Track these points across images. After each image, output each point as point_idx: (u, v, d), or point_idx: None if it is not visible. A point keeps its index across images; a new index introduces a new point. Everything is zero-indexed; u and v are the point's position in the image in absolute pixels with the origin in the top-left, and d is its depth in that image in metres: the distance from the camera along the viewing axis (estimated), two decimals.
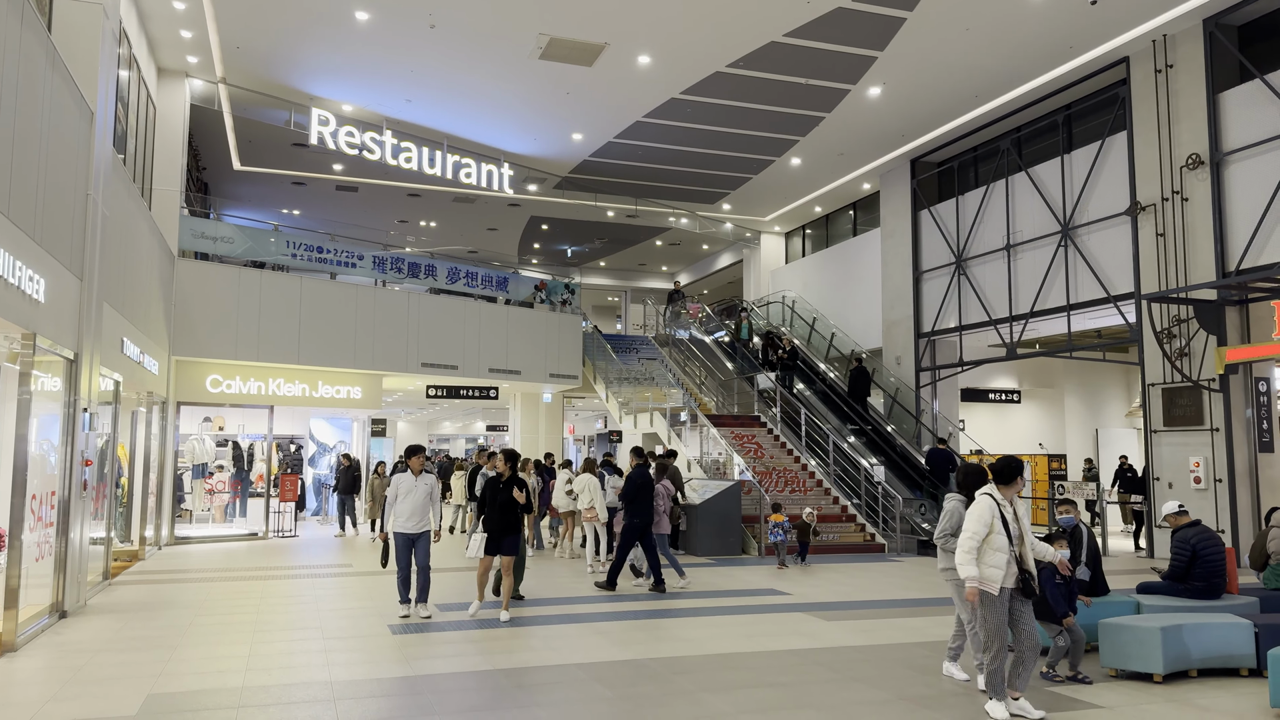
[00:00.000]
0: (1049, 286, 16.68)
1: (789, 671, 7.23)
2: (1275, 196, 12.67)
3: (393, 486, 9.45)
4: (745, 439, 18.93)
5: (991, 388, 22.35)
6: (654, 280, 34.78)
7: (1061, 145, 16.79)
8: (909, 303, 20.29)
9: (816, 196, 23.74)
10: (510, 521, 9.42)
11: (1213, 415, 13.53)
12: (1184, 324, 13.92)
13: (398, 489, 9.42)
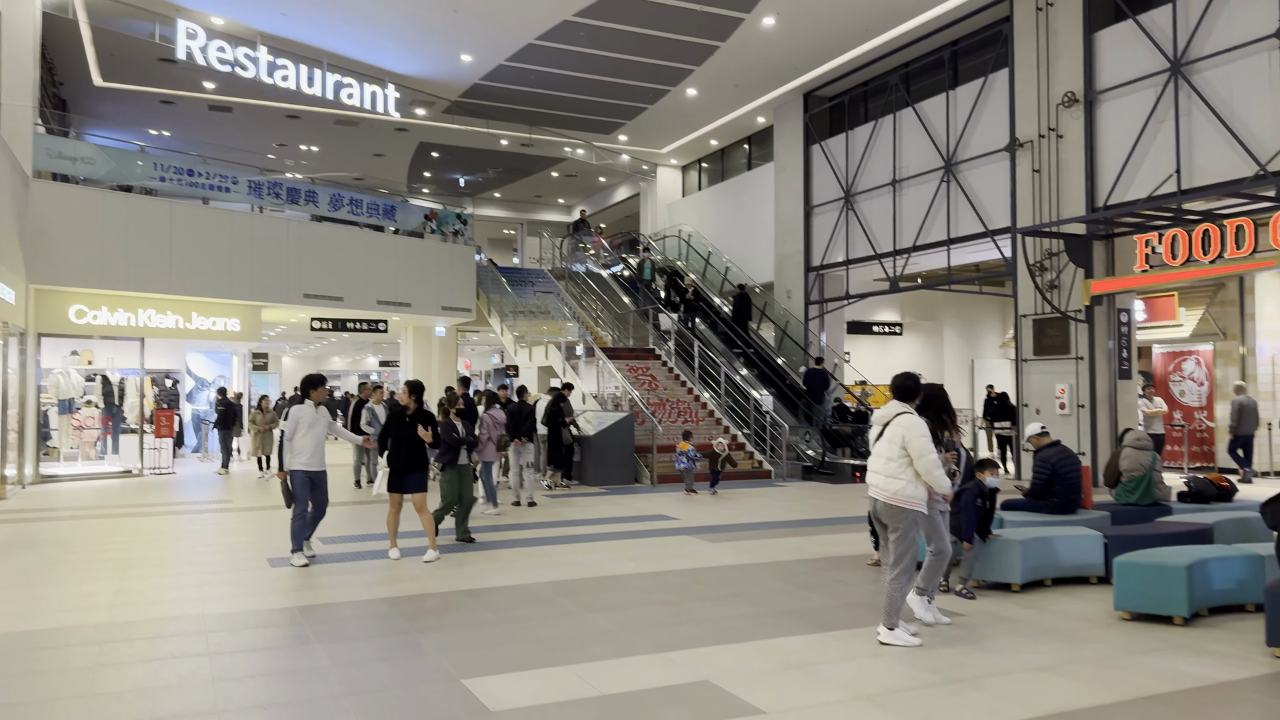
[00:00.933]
0: (931, 221, 17.15)
1: (671, 591, 7.39)
2: (1141, 135, 13.25)
3: (290, 420, 8.52)
4: (640, 372, 19.04)
5: (876, 320, 23.01)
6: (551, 213, 34.30)
7: (947, 82, 17.13)
8: (800, 237, 20.59)
9: (712, 129, 23.67)
10: (417, 458, 8.75)
11: (1078, 344, 14.27)
12: (1055, 257, 14.54)
13: (297, 423, 8.50)
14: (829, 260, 19.84)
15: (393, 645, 5.83)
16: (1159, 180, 12.97)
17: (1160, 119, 13.06)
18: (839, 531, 10.39)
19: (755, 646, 5.75)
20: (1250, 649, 5.63)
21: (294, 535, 8.55)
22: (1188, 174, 12.70)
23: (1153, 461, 9.11)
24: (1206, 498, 9.26)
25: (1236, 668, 5.27)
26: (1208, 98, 12.40)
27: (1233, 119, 12.11)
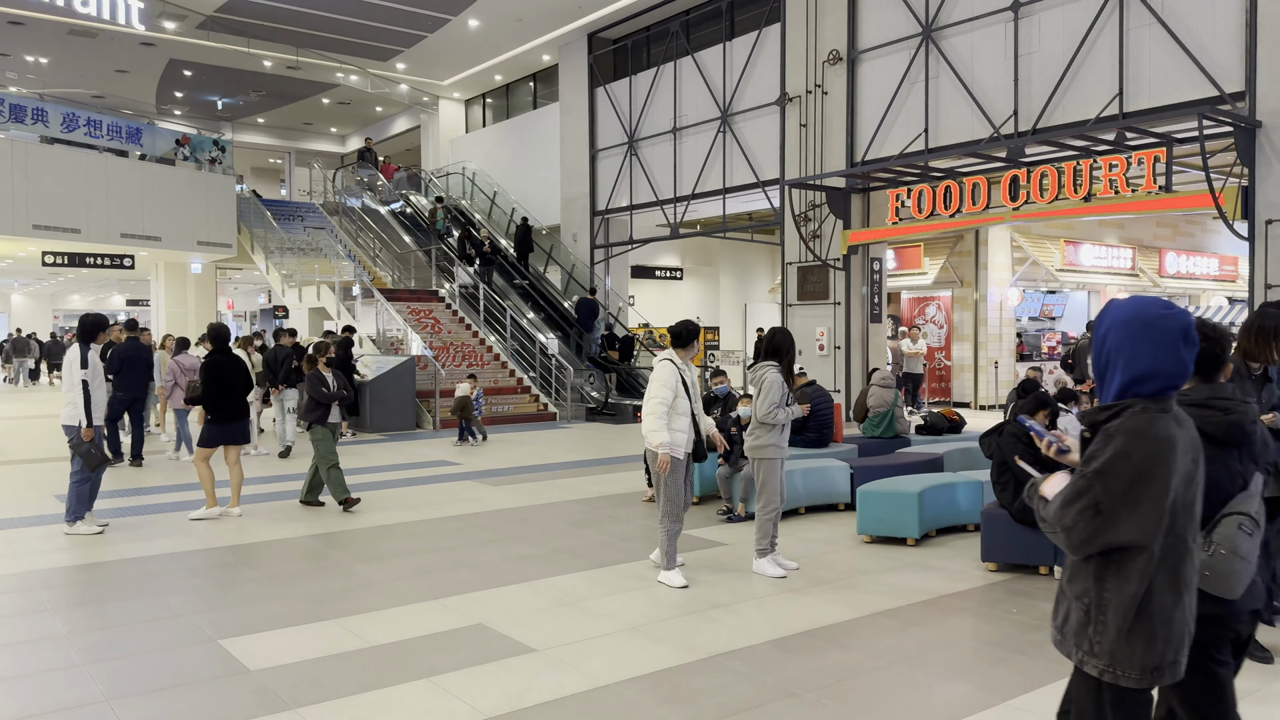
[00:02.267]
0: (709, 170, 17.69)
1: (450, 537, 7.35)
2: (896, 95, 14.24)
3: (92, 368, 7.36)
4: (423, 314, 18.53)
5: (658, 265, 23.61)
6: (323, 142, 32.30)
7: (724, 33, 17.57)
8: (585, 180, 20.63)
9: (497, 64, 23.06)
10: (244, 407, 8.23)
11: (836, 290, 15.32)
12: (818, 209, 15.45)
13: (97, 373, 7.44)
14: (614, 205, 20.04)
15: (140, 608, 5.43)
16: (910, 138, 14.03)
17: (913, 81, 14.08)
18: (617, 471, 10.70)
19: (531, 587, 5.84)
20: (969, 564, 6.37)
21: (82, 499, 7.45)
22: (935, 134, 13.81)
23: (895, 398, 10.01)
24: (940, 430, 10.32)
25: (957, 581, 5.96)
26: (953, 63, 13.49)
27: (974, 83, 13.26)
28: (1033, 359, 18.40)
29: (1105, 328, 2.37)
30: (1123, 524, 2.22)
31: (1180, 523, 2.27)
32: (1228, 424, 2.66)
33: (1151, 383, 2.28)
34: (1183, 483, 2.26)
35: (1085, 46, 11.99)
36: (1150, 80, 11.46)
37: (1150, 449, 2.22)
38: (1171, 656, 2.27)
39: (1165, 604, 2.26)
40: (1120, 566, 2.27)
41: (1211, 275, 21.99)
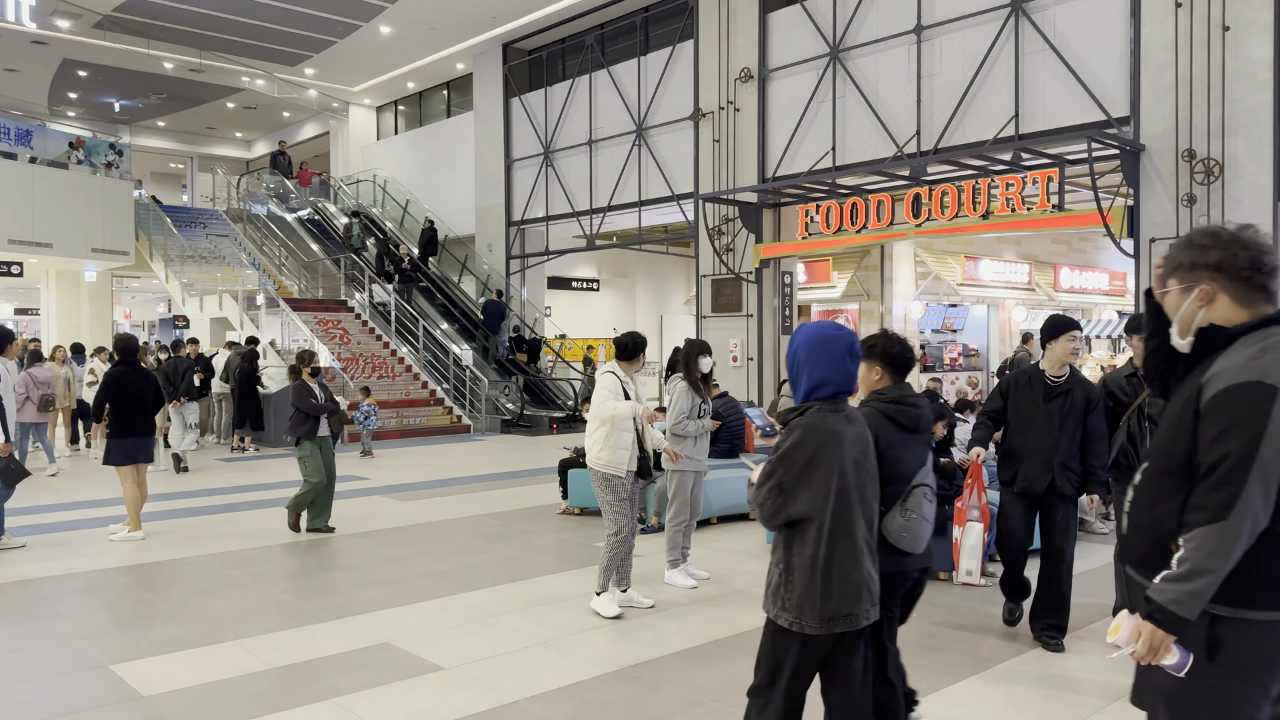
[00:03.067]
0: (625, 183, 17.79)
1: (356, 554, 7.19)
2: (805, 113, 14.59)
3: (4, 384, 7.10)
4: (331, 325, 18.12)
5: (575, 276, 23.60)
6: (226, 147, 31.31)
7: (639, 47, 17.73)
8: (501, 190, 20.51)
9: (409, 71, 22.76)
10: (149, 424, 7.80)
11: (749, 303, 15.57)
12: (731, 223, 15.69)
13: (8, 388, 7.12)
14: (530, 215, 19.96)
15: (24, 633, 5.16)
16: (819, 156, 14.38)
17: (821, 100, 14.45)
18: (532, 483, 10.64)
19: (440, 604, 5.76)
20: None
21: None
22: (842, 152, 14.19)
23: None
24: None
25: None
26: (860, 83, 13.89)
27: (879, 104, 13.68)
28: (935, 370, 19.00)
29: (795, 345, 2.93)
30: (799, 500, 2.78)
31: (852, 499, 2.82)
32: (914, 416, 3.36)
33: (826, 388, 2.86)
34: (852, 467, 2.83)
35: (983, 70, 12.49)
36: (1044, 104, 12.02)
37: (821, 439, 2.79)
38: (848, 609, 2.79)
39: (845, 566, 2.80)
40: (800, 535, 2.81)
41: (1103, 290, 23.09)
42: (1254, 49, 10.13)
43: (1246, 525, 2.01)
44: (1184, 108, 10.68)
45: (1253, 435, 2.01)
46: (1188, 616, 2.06)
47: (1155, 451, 2.30)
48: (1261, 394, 2.03)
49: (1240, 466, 2.01)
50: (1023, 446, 4.81)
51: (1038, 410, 4.75)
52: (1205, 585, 2.04)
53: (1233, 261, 2.17)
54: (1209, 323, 2.22)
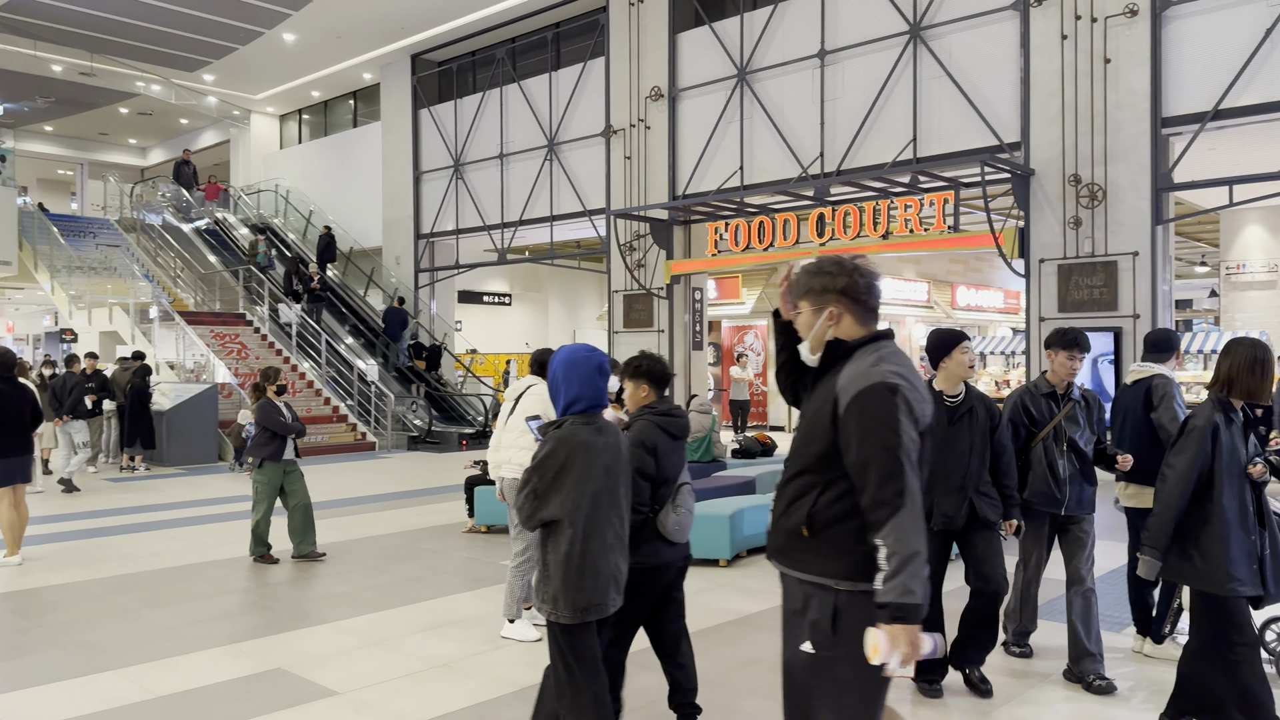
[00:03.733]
0: (536, 197, 17.75)
1: (250, 576, 6.95)
2: (714, 133, 14.82)
3: None
4: (229, 339, 17.51)
5: (486, 290, 23.39)
6: (120, 154, 30.05)
7: (551, 63, 17.75)
8: (409, 202, 20.20)
9: (314, 80, 22.26)
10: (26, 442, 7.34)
11: (660, 318, 15.69)
12: (643, 239, 15.81)
13: None
14: (439, 228, 19.72)
15: None
16: (727, 174, 14.62)
17: (729, 120, 14.70)
18: (437, 501, 10.46)
19: (336, 627, 5.60)
20: (776, 583, 6.61)
21: None
22: (750, 171, 14.46)
23: (713, 423, 10.32)
24: (753, 454, 10.72)
25: (764, 600, 6.19)
26: (766, 105, 14.19)
27: (785, 126, 13.99)
28: None
29: (554, 366, 3.21)
30: (551, 503, 3.08)
31: (603, 502, 3.13)
32: (681, 425, 3.77)
33: (580, 403, 3.17)
34: (602, 473, 3.14)
35: (884, 95, 12.92)
36: (940, 128, 12.49)
37: (572, 449, 3.08)
38: (598, 599, 3.10)
39: (595, 562, 3.10)
40: (555, 535, 3.10)
41: (998, 308, 24.05)
42: (1134, 81, 10.75)
43: (919, 503, 2.29)
44: (1070, 135, 11.24)
45: (893, 428, 2.31)
46: (920, 602, 2.25)
47: (793, 454, 2.56)
48: (889, 392, 2.34)
49: (893, 457, 2.29)
50: (933, 478, 4.26)
51: (944, 434, 4.28)
52: (918, 565, 2.25)
53: (855, 287, 2.50)
54: (834, 338, 2.51)
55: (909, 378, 2.40)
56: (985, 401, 4.40)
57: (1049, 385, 4.62)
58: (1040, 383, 4.66)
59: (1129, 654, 4.94)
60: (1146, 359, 4.90)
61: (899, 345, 2.53)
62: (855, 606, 2.34)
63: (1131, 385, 4.87)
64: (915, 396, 2.38)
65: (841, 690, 2.37)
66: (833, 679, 2.38)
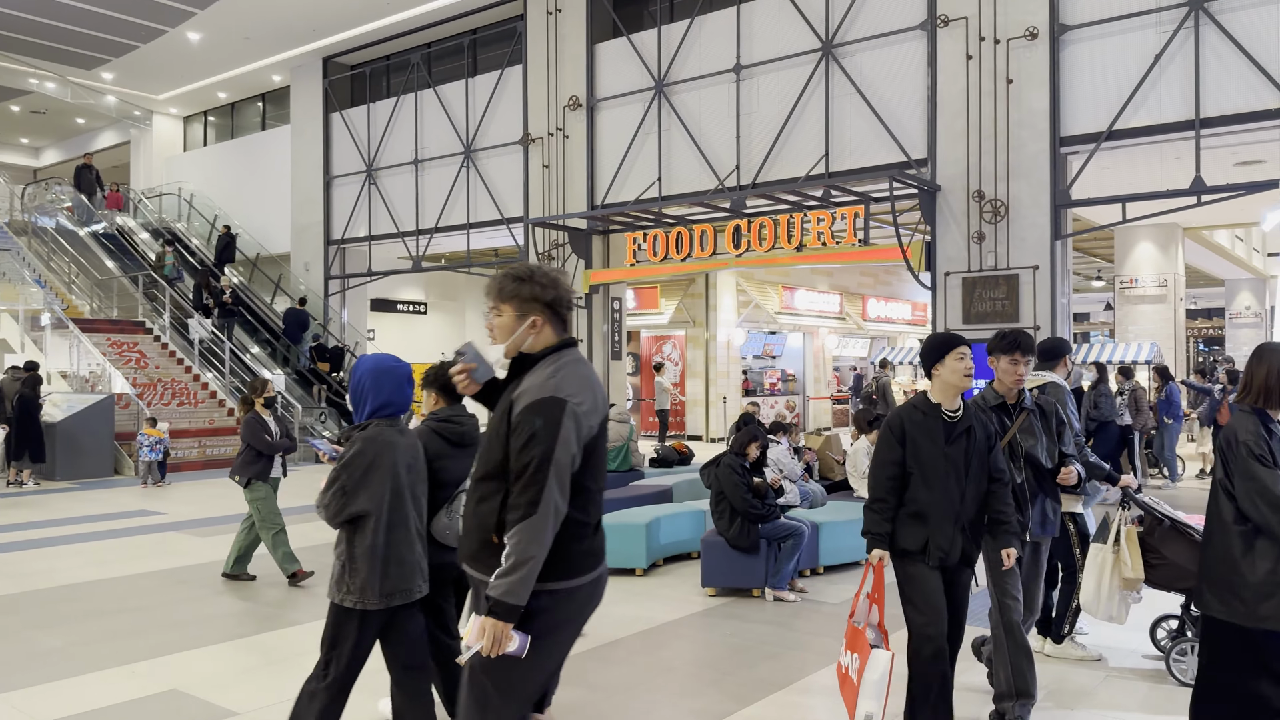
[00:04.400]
0: (452, 204, 17.51)
1: (145, 595, 6.63)
2: (632, 143, 14.87)
3: None
4: (126, 347, 16.76)
5: (400, 299, 22.96)
6: (11, 154, 28.56)
7: (467, 69, 17.57)
8: (319, 208, 19.70)
9: (221, 81, 21.55)
10: None
11: (578, 328, 15.62)
12: (561, 248, 15.74)
13: None
14: (351, 235, 19.27)
15: None
16: (646, 185, 14.68)
17: (647, 131, 14.77)
18: None
19: (234, 646, 5.38)
20: (691, 591, 6.65)
21: None
22: (668, 182, 14.55)
23: (630, 432, 10.33)
24: (671, 463, 10.76)
25: (678, 608, 6.19)
26: (684, 117, 14.30)
27: (702, 138, 14.13)
28: (757, 395, 19.72)
29: (360, 373, 3.40)
30: (359, 499, 3.26)
31: (405, 496, 3.38)
32: (460, 432, 3.93)
33: (389, 409, 3.38)
34: (405, 470, 3.38)
35: (797, 110, 13.16)
36: (851, 144, 12.78)
37: (379, 448, 3.30)
38: (404, 585, 3.33)
39: (401, 551, 3.33)
40: (360, 528, 3.28)
41: (906, 319, 24.75)
42: (1034, 101, 11.19)
43: (551, 515, 2.41)
44: (974, 152, 11.64)
45: (550, 441, 2.41)
46: (519, 604, 2.42)
47: (478, 460, 2.67)
48: (557, 406, 2.45)
49: (541, 468, 2.41)
50: (930, 504, 3.64)
51: (941, 456, 3.64)
52: (529, 572, 2.41)
53: (560, 302, 2.63)
54: (530, 349, 2.61)
55: (581, 391, 2.51)
56: (981, 419, 3.81)
57: (997, 396, 4.13)
58: (988, 394, 4.16)
59: None
60: (1039, 367, 5.07)
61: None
62: (545, 603, 2.49)
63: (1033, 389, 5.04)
64: (584, 410, 2.49)
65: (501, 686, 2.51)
66: (510, 668, 2.49)
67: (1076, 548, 4.85)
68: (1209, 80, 10.15)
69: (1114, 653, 5.05)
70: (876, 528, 3.69)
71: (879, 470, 3.74)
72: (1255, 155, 11.52)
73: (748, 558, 6.32)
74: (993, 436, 3.82)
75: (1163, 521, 4.56)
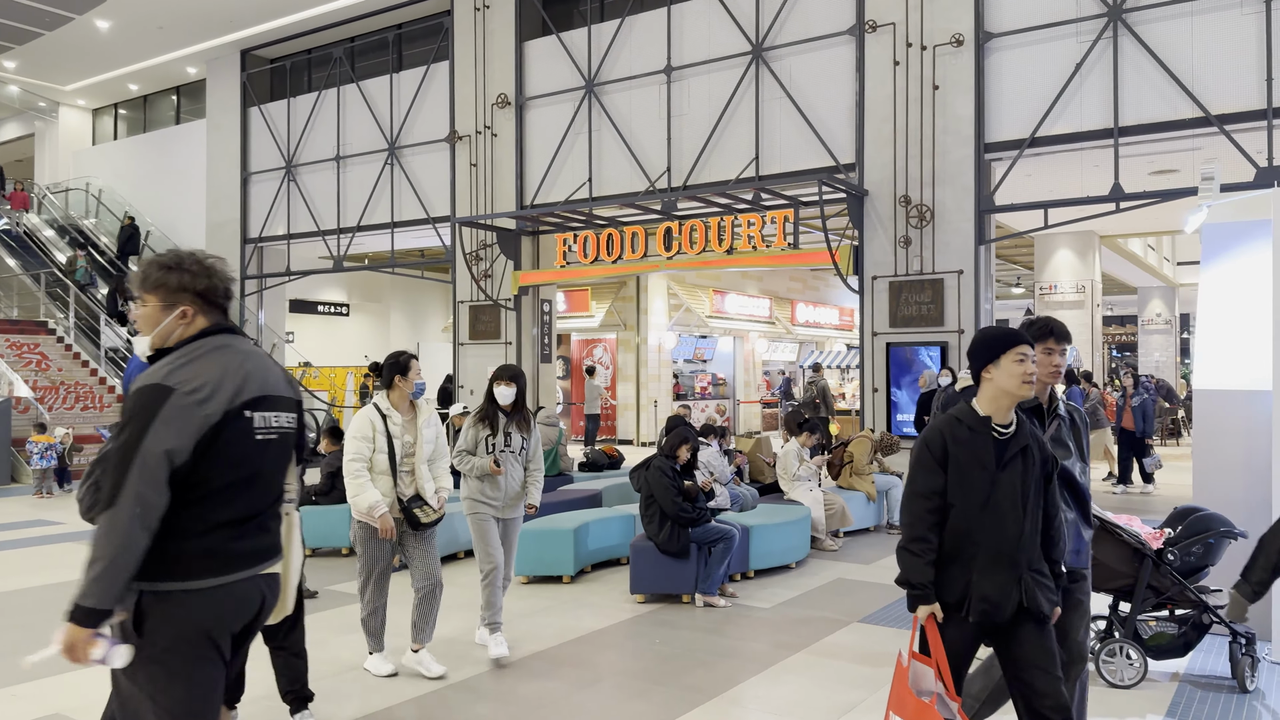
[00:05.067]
0: (376, 202, 17.04)
1: (32, 611, 6.17)
2: (562, 143, 14.66)
3: None
4: (26, 349, 15.88)
5: (321, 300, 22.31)
6: None
7: (392, 64, 17.13)
8: (236, 205, 18.99)
9: (133, 72, 20.65)
10: None
11: (507, 330, 15.34)
12: (489, 248, 15.43)
13: None
14: (269, 233, 18.62)
15: None
16: (576, 185, 14.48)
17: (578, 131, 14.58)
18: None
19: None
20: (619, 598, 6.46)
21: None
22: (598, 183, 14.37)
23: (559, 436, 10.10)
24: (600, 467, 10.57)
25: (606, 616, 6.00)
26: (614, 117, 14.15)
27: (633, 139, 13.99)
28: (688, 398, 19.66)
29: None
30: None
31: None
32: None
33: None
34: None
35: (728, 113, 13.12)
36: (781, 148, 12.79)
37: None
38: None
39: None
40: None
41: (833, 324, 25.02)
42: (959, 107, 11.33)
43: (132, 508, 2.21)
44: (901, 158, 11.74)
45: (138, 430, 2.25)
46: (99, 606, 2.20)
47: None
48: (157, 394, 2.29)
49: (125, 458, 2.24)
50: (978, 543, 2.91)
51: (992, 483, 2.91)
52: (107, 571, 2.20)
53: (214, 291, 2.50)
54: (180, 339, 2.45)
55: (203, 378, 2.35)
56: (1036, 435, 3.04)
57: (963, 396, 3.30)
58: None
59: None
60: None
61: None
62: (159, 604, 2.30)
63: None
64: (198, 399, 2.31)
65: (155, 692, 2.31)
66: (149, 680, 2.31)
67: None
68: (1127, 90, 10.40)
69: None
70: (918, 576, 2.92)
71: (915, 503, 2.97)
72: (1170, 164, 11.86)
73: (677, 563, 6.16)
74: (1050, 461, 3.03)
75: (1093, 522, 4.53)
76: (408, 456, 4.78)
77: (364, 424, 4.77)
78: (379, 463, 4.72)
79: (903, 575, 2.97)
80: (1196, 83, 9.99)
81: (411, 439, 4.81)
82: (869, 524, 8.97)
